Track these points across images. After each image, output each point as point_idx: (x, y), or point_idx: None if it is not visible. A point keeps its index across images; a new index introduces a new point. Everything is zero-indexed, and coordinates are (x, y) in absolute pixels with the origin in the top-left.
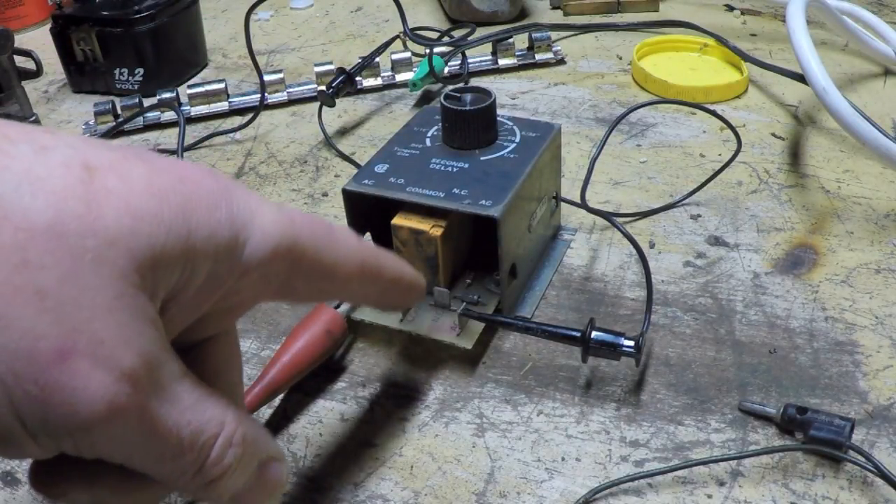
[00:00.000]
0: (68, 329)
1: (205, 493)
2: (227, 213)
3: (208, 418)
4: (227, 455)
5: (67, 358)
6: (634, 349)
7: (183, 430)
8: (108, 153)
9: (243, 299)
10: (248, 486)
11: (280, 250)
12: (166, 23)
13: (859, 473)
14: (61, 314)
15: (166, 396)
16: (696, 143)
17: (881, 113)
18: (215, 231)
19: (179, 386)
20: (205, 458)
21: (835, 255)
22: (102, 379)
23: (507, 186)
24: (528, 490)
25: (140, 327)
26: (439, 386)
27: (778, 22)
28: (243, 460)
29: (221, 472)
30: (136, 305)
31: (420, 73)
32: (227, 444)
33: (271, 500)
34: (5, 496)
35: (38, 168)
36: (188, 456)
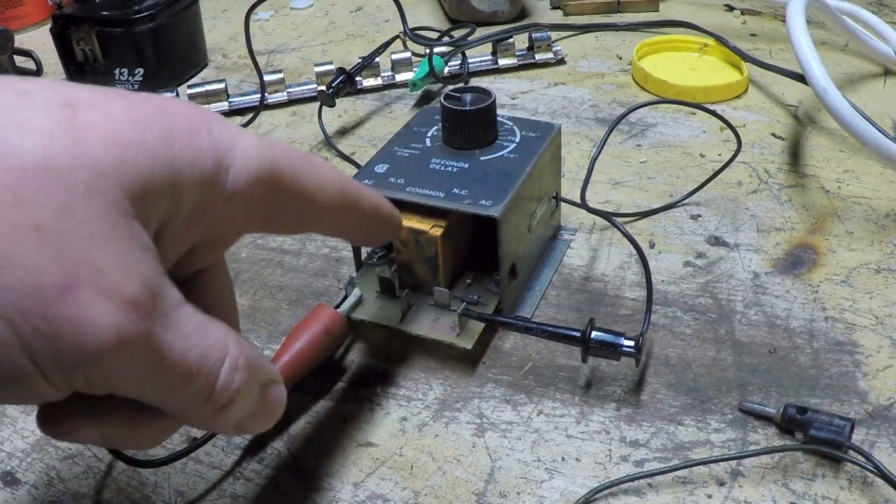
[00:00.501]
0: (70, 262)
1: (213, 422)
2: (208, 139)
3: (212, 342)
4: (234, 379)
5: (71, 290)
6: (634, 349)
7: (189, 355)
8: (87, 92)
9: (230, 229)
10: (252, 411)
11: (262, 175)
12: (166, 23)
13: (859, 473)
14: (61, 248)
15: (170, 323)
16: (696, 143)
17: (881, 113)
18: (198, 156)
19: (181, 312)
20: (213, 383)
21: (835, 255)
22: (107, 308)
23: (507, 186)
24: (528, 490)
25: (138, 255)
26: (439, 386)
27: (778, 22)
28: (248, 384)
29: (230, 397)
30: (132, 234)
31: (420, 73)
32: (234, 367)
33: (272, 422)
34: (5, 496)
35: (22, 111)
36: (197, 382)
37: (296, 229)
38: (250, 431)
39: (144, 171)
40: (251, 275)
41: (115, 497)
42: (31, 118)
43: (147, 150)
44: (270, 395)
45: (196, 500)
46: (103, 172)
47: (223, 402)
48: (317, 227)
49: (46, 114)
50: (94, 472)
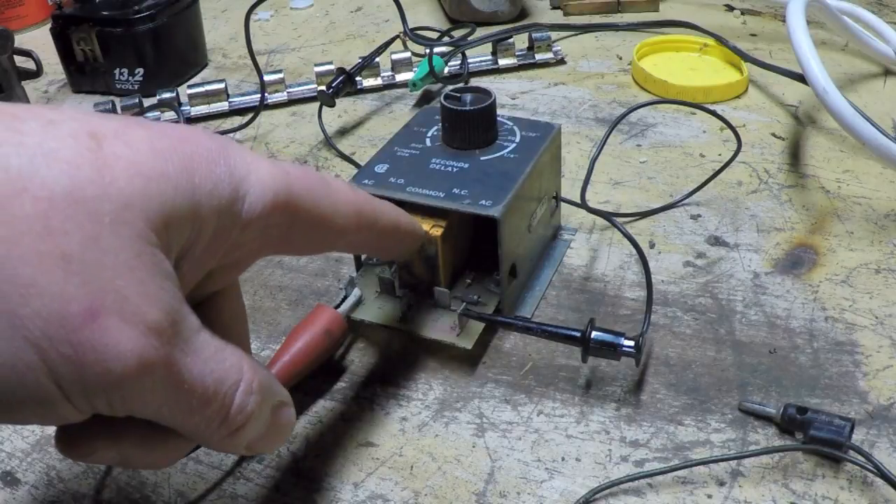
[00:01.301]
0: (95, 289)
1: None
2: (226, 168)
3: (228, 366)
4: (248, 402)
5: (97, 317)
6: (634, 349)
7: (207, 379)
8: (109, 122)
9: (246, 253)
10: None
11: (278, 201)
12: (166, 23)
13: (859, 473)
14: (87, 276)
15: (189, 348)
16: (696, 143)
17: (881, 113)
18: (217, 186)
19: (199, 337)
20: (228, 406)
21: (835, 255)
22: (131, 334)
23: (507, 186)
24: (528, 490)
25: (160, 283)
26: (439, 386)
27: (778, 22)
28: (261, 407)
29: (244, 419)
30: (155, 263)
31: (420, 73)
32: (248, 391)
33: (281, 442)
34: (5, 496)
35: (49, 141)
36: (214, 405)
37: (314, 250)
38: (260, 452)
39: (167, 201)
40: (251, 275)
41: (115, 497)
42: (57, 149)
43: (169, 181)
44: (281, 416)
45: (196, 500)
46: (128, 203)
47: (238, 424)
48: (335, 247)
49: (73, 144)
50: (94, 472)
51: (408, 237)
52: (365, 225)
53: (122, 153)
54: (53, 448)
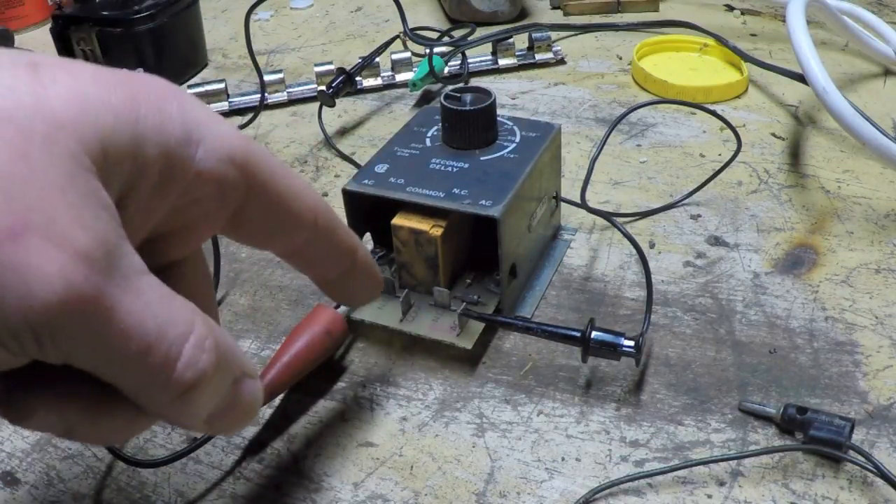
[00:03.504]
0: (20, 207)
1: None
2: (178, 109)
3: (176, 315)
4: (199, 359)
5: (20, 235)
6: (634, 349)
7: (148, 323)
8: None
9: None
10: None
11: (236, 160)
12: (166, 23)
13: (859, 473)
14: (11, 192)
15: (128, 286)
16: (696, 143)
17: (881, 113)
18: (165, 123)
19: (142, 279)
20: (174, 358)
21: (835, 255)
22: (57, 257)
23: (507, 186)
24: (528, 490)
25: (95, 210)
26: (439, 386)
27: (778, 22)
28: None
29: (194, 379)
30: (89, 188)
31: (420, 73)
32: (199, 346)
33: (246, 421)
34: (5, 496)
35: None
36: (155, 353)
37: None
38: (222, 430)
39: (106, 127)
40: (251, 275)
41: (115, 497)
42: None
43: (109, 108)
44: (244, 389)
45: (196, 500)
46: (62, 124)
47: (186, 383)
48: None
49: (10, 70)
50: (94, 472)
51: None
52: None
53: (60, 79)
54: (53, 448)
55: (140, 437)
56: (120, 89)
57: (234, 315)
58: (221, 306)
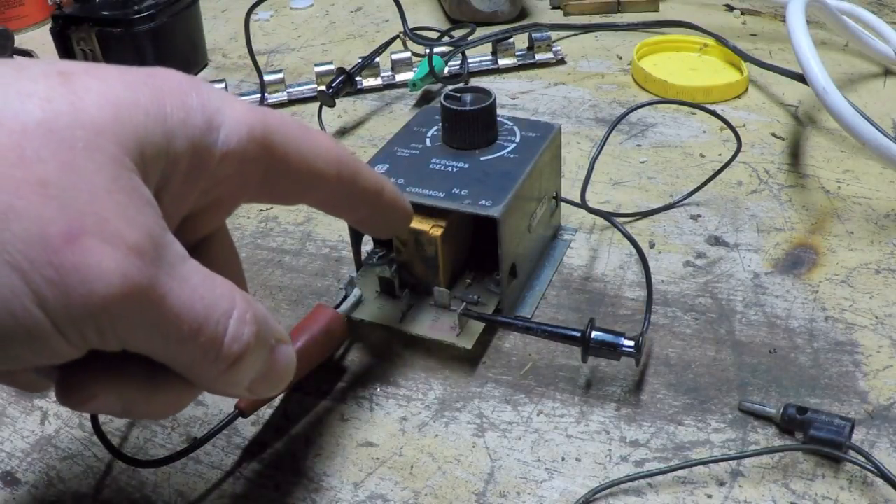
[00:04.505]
0: (74, 212)
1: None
2: (198, 99)
3: (219, 294)
4: (243, 332)
5: (77, 238)
6: (634, 349)
7: (196, 305)
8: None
9: (227, 193)
10: (263, 373)
11: (255, 134)
12: (166, 23)
13: (859, 473)
14: (65, 199)
15: (175, 273)
16: (696, 143)
17: (881, 113)
18: (189, 115)
19: (186, 265)
20: (221, 335)
21: (835, 255)
22: (113, 254)
23: (507, 186)
24: (528, 490)
25: (140, 207)
26: (439, 386)
27: (778, 22)
28: (258, 341)
29: (240, 351)
30: (133, 187)
31: (420, 73)
32: (243, 320)
33: (284, 384)
34: (5, 496)
35: (21, 81)
36: (205, 332)
37: (293, 198)
38: (263, 394)
39: (140, 127)
40: (251, 275)
41: (115, 497)
42: (29, 87)
43: (139, 108)
44: (280, 355)
45: (196, 500)
46: (101, 130)
47: (233, 356)
48: (315, 198)
49: (44, 81)
50: (94, 472)
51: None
52: (346, 177)
53: (91, 86)
54: (53, 448)
55: (140, 437)
56: (146, 89)
57: None
58: None
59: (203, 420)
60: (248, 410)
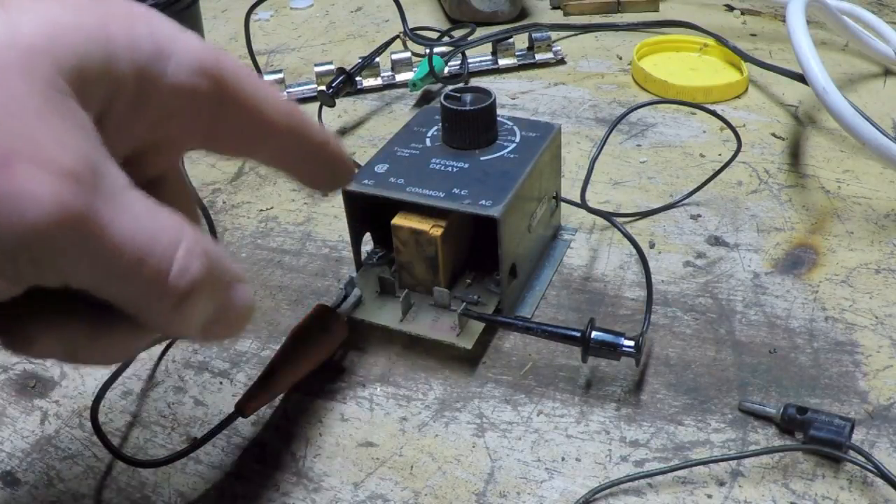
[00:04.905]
0: (4, 136)
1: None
2: (147, 28)
3: (166, 225)
4: (192, 265)
5: (8, 163)
6: (634, 349)
7: (138, 236)
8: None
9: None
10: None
11: (206, 68)
12: None
13: (859, 473)
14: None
15: (115, 202)
16: (696, 143)
17: (881, 113)
18: (136, 41)
19: (128, 194)
20: (167, 269)
21: (835, 255)
22: (46, 179)
23: (507, 186)
24: (528, 490)
25: (76, 131)
26: (439, 386)
27: (778, 22)
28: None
29: (188, 286)
30: (69, 110)
31: (420, 73)
32: (190, 253)
33: (241, 327)
34: (5, 496)
35: None
36: (149, 264)
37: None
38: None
39: (79, 49)
40: (251, 275)
41: (115, 497)
42: None
43: (81, 30)
44: (236, 295)
45: (196, 500)
46: (35, 50)
47: (181, 290)
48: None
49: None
50: (94, 472)
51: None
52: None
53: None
54: (53, 448)
55: (140, 437)
56: (88, 12)
57: None
58: None
59: (203, 420)
60: (248, 410)
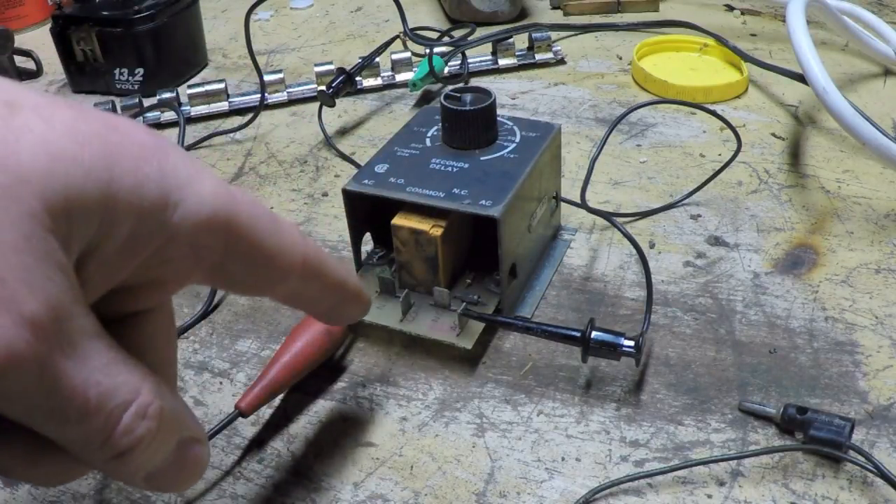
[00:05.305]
0: None
1: (115, 468)
2: (158, 169)
3: (121, 383)
4: (138, 426)
5: None
6: (634, 349)
7: (90, 391)
8: (35, 95)
9: (173, 272)
10: (165, 466)
11: (215, 221)
12: (166, 23)
13: (859, 473)
14: None
15: (74, 352)
16: (696, 143)
17: (881, 113)
18: (142, 184)
19: (90, 343)
20: (112, 426)
21: (835, 255)
22: (2, 321)
23: (507, 186)
24: (528, 490)
25: (48, 273)
26: (439, 386)
27: (778, 22)
28: (159, 436)
29: (131, 444)
30: (46, 250)
31: (420, 73)
32: (141, 414)
33: (189, 483)
34: (5, 496)
35: None
36: (94, 420)
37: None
38: (164, 489)
39: (74, 186)
40: None
41: (115, 497)
42: None
43: (81, 165)
44: (189, 453)
45: (196, 500)
46: (26, 179)
47: (122, 447)
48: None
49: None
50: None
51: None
52: (310, 273)
53: (34, 127)
54: None
55: None
56: (96, 144)
57: (233, 315)
58: (222, 306)
59: (203, 420)
60: (248, 410)
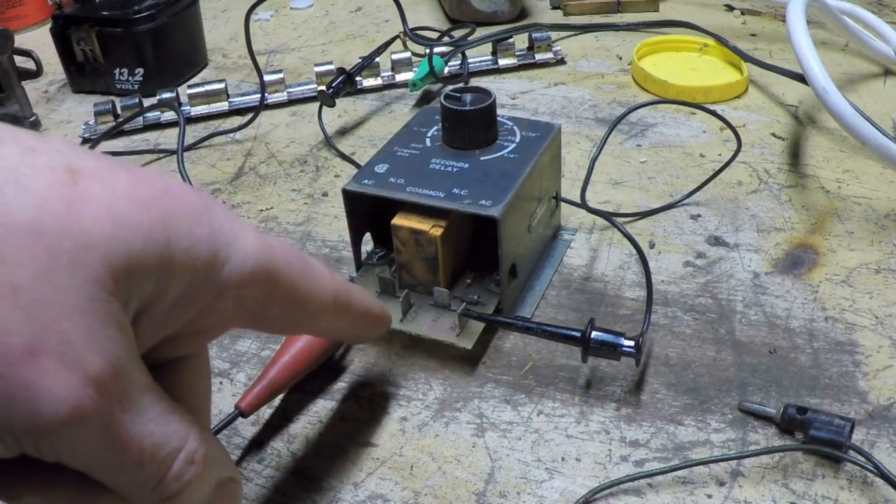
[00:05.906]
0: (39, 327)
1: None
2: (208, 229)
3: (171, 432)
4: (187, 472)
5: (36, 356)
6: (634, 349)
7: (145, 441)
8: (93, 160)
9: (216, 321)
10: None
11: (258, 273)
12: (166, 23)
13: (859, 473)
14: (33, 311)
15: (131, 406)
16: (696, 143)
17: (881, 113)
18: (195, 245)
19: (145, 396)
20: (164, 472)
21: (835, 255)
22: (68, 381)
23: (507, 186)
24: (528, 490)
25: (110, 333)
26: (439, 386)
27: (778, 22)
28: (202, 479)
29: (180, 488)
30: (108, 311)
31: (420, 73)
32: (189, 460)
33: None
34: None
35: (24, 168)
36: (148, 468)
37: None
38: None
39: (135, 250)
40: None
41: None
42: (31, 177)
43: (142, 230)
44: (226, 492)
45: None
46: (91, 244)
47: (171, 492)
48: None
49: (47, 175)
50: None
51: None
52: (339, 309)
53: (96, 193)
54: None
55: None
56: (153, 209)
57: None
58: None
59: None
60: (248, 410)
